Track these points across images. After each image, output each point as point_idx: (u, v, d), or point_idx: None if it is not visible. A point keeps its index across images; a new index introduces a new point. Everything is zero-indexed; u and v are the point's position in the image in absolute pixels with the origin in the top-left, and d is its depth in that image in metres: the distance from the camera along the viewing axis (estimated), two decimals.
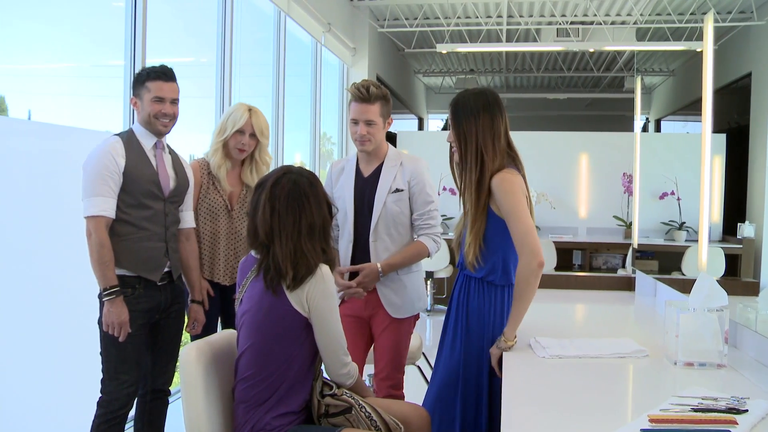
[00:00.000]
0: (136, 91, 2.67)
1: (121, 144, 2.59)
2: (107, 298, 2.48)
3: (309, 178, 2.07)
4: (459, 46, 7.59)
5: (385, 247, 2.76)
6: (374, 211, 2.75)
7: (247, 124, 2.98)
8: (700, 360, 1.97)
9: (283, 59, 5.98)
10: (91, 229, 2.49)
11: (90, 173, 2.53)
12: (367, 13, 8.02)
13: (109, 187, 2.52)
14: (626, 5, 7.58)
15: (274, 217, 2.00)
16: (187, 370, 1.99)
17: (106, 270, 2.48)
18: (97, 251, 2.47)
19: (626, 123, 11.98)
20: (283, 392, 1.99)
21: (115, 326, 2.48)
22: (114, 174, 2.53)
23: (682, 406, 1.58)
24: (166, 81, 2.65)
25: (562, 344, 2.17)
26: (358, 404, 2.03)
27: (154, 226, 2.64)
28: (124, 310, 2.50)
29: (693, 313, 1.98)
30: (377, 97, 2.70)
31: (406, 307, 2.81)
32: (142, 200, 2.60)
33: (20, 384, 2.91)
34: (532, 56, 10.42)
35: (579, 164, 8.50)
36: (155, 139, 2.69)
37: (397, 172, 2.77)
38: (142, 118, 2.66)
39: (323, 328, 1.99)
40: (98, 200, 2.49)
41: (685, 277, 3.83)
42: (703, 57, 2.32)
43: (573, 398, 1.72)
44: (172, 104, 2.67)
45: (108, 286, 2.48)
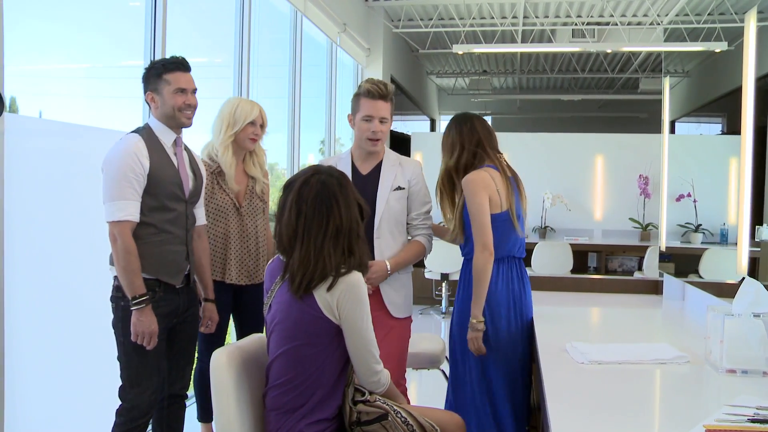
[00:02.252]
0: (152, 85, 2.54)
1: (144, 143, 2.47)
2: (136, 308, 2.38)
3: (339, 178, 2.00)
4: (475, 47, 7.54)
5: (388, 245, 2.74)
6: (377, 209, 2.73)
7: (258, 117, 3.05)
8: (744, 367, 1.92)
9: (299, 59, 5.95)
10: (116, 235, 2.38)
11: (113, 175, 2.40)
12: (381, 14, 7.98)
13: (134, 190, 2.41)
14: (643, 5, 7.52)
15: (300, 220, 1.95)
16: (218, 375, 1.95)
17: (134, 278, 2.38)
18: (124, 258, 2.37)
19: (640, 124, 11.91)
20: (316, 399, 1.94)
21: (145, 336, 2.40)
22: (139, 176, 2.42)
23: (737, 416, 1.52)
24: (185, 71, 2.56)
25: (600, 349, 2.12)
26: (393, 410, 1.98)
27: (176, 229, 2.55)
28: (153, 319, 2.42)
29: (738, 319, 1.92)
30: (390, 95, 2.74)
31: (406, 306, 2.82)
32: (165, 203, 2.50)
33: (38, 387, 2.87)
34: (545, 57, 10.36)
35: (594, 166, 8.43)
36: (174, 135, 2.58)
37: (398, 172, 2.78)
38: (163, 112, 2.54)
39: (354, 335, 1.94)
40: (123, 204, 2.38)
41: (715, 281, 3.76)
42: (744, 57, 2.27)
43: (621, 405, 1.67)
44: (193, 94, 2.59)
45: (137, 295, 2.38)
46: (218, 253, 2.99)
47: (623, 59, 9.89)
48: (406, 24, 8.22)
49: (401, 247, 2.78)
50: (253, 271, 3.07)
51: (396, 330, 2.77)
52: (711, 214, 5.14)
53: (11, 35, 2.61)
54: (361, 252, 2.00)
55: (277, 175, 6.76)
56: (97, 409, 2.84)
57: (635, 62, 9.79)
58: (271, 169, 6.62)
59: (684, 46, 7.48)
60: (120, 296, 2.44)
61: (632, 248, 8.00)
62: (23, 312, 2.74)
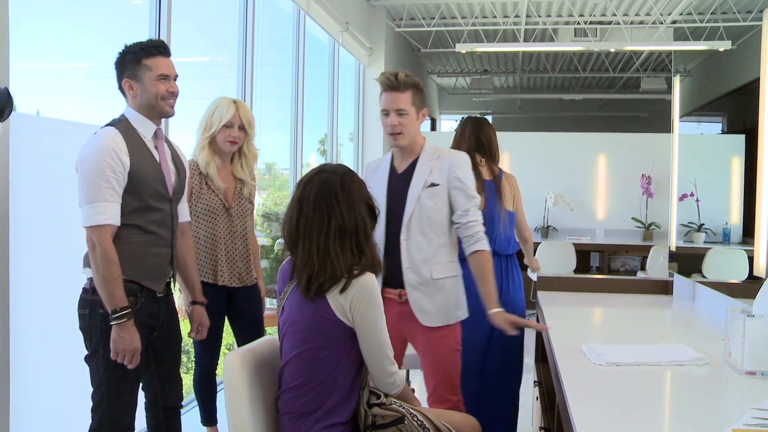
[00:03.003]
0: (130, 71, 2.30)
1: (121, 137, 2.23)
2: (117, 322, 2.15)
3: (343, 176, 1.95)
4: (478, 46, 7.52)
5: (418, 247, 2.52)
6: (407, 208, 2.53)
7: (235, 117, 2.90)
8: (766, 369, 1.89)
9: (302, 58, 5.92)
10: (94, 241, 2.15)
11: (89, 175, 2.17)
12: (383, 13, 7.95)
13: (114, 190, 2.18)
14: (645, 4, 7.50)
15: (300, 220, 1.93)
16: (231, 378, 1.92)
17: (115, 288, 2.16)
18: (104, 267, 2.14)
19: (641, 124, 11.90)
20: (331, 403, 1.91)
21: (126, 354, 2.18)
22: (119, 175, 2.19)
23: (765, 420, 1.49)
24: (166, 56, 2.33)
25: (617, 351, 2.09)
26: (409, 413, 1.95)
27: (162, 231, 2.35)
28: (136, 335, 2.19)
29: (759, 320, 1.89)
30: (408, 84, 2.50)
31: (439, 315, 2.54)
32: (149, 202, 2.29)
33: (43, 388, 2.83)
34: (547, 56, 10.34)
35: (596, 165, 8.41)
36: (155, 126, 2.35)
37: (434, 166, 2.55)
38: (143, 101, 2.30)
39: (368, 337, 1.91)
40: (101, 206, 2.16)
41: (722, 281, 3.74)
42: (762, 54, 2.24)
43: (645, 408, 1.64)
44: (175, 81, 2.37)
45: (118, 308, 2.16)
46: (207, 254, 2.93)
47: (625, 58, 9.87)
48: (408, 23, 8.19)
49: (437, 251, 2.54)
50: (244, 273, 3.01)
51: (432, 341, 2.55)
52: (713, 214, 5.10)
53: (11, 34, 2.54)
54: (372, 252, 1.96)
55: (275, 175, 6.73)
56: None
57: (637, 62, 9.77)
58: (269, 169, 6.60)
59: (688, 45, 7.46)
60: (98, 300, 2.21)
61: (635, 248, 7.98)
62: (28, 311, 2.70)
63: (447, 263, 2.58)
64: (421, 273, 2.52)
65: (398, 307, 2.57)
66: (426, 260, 2.53)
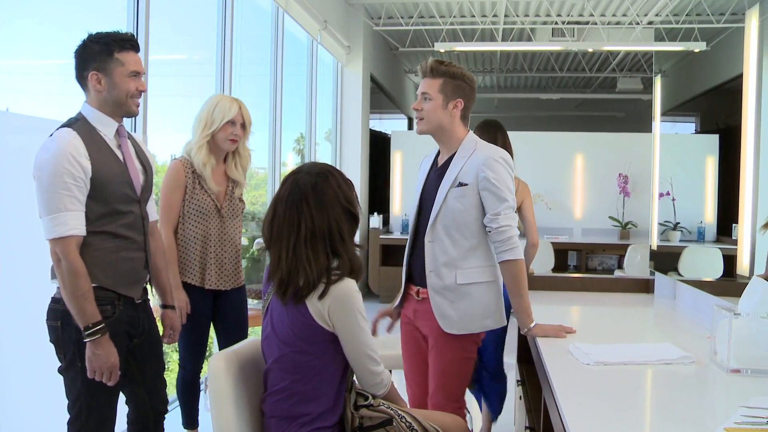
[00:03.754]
0: (99, 64, 2.11)
1: (80, 140, 2.05)
2: (91, 339, 2.02)
3: (317, 177, 1.88)
4: (457, 45, 7.52)
5: (443, 250, 2.36)
6: (433, 207, 2.39)
7: (238, 115, 2.84)
8: (753, 367, 1.90)
9: (281, 57, 5.87)
10: (59, 254, 2.01)
11: (48, 183, 2.00)
12: (362, 11, 7.93)
13: (75, 198, 2.02)
14: (622, 5, 7.56)
15: (274, 221, 1.89)
16: (216, 380, 1.88)
17: (85, 303, 2.01)
18: (71, 281, 2.00)
19: (617, 123, 12.01)
20: (317, 406, 1.88)
21: (104, 372, 2.06)
22: (79, 181, 2.03)
23: (756, 418, 1.50)
24: (137, 51, 2.18)
25: (604, 350, 2.09)
26: (398, 414, 1.93)
27: (134, 234, 2.20)
28: (112, 350, 2.06)
29: (746, 318, 1.90)
30: (440, 72, 2.36)
31: (463, 323, 2.37)
32: (116, 207, 2.14)
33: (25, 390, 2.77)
34: (524, 56, 10.39)
35: (574, 164, 8.46)
36: (116, 124, 2.18)
37: (466, 163, 2.37)
38: (109, 98, 2.13)
39: (349, 341, 1.87)
40: (64, 217, 2.00)
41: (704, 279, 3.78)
42: (744, 55, 2.25)
43: (635, 407, 1.65)
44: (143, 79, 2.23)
45: (90, 324, 2.02)
46: (196, 256, 2.86)
47: (601, 58, 9.95)
48: (387, 22, 8.18)
49: (464, 255, 2.38)
50: (233, 275, 2.95)
51: (445, 343, 2.40)
52: (688, 213, 5.17)
53: None
54: (349, 255, 1.90)
55: (251, 173, 6.67)
56: None
57: (613, 62, 9.86)
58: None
59: (664, 45, 7.54)
60: (68, 310, 2.06)
61: (612, 246, 8.05)
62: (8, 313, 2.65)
63: (476, 268, 2.39)
64: (443, 277, 2.37)
65: (415, 304, 2.50)
66: (450, 264, 2.37)
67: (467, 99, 2.43)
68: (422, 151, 9.43)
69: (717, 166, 5.45)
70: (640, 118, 11.78)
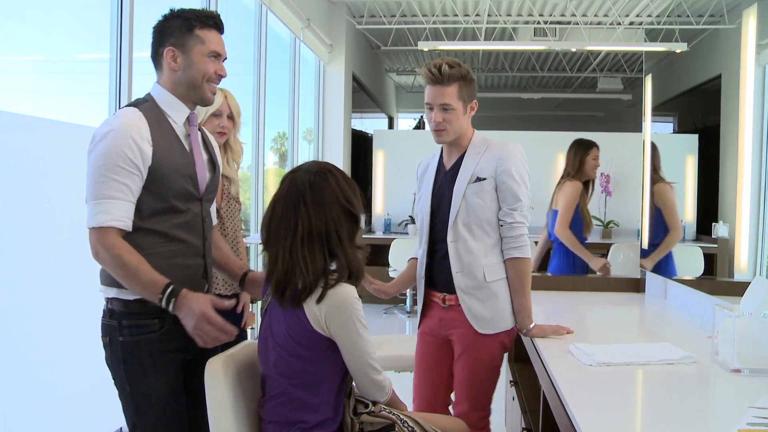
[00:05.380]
0: (177, 39, 1.89)
1: (145, 122, 1.82)
2: (170, 305, 1.78)
3: (316, 176, 1.82)
4: (440, 44, 7.50)
5: (467, 249, 2.30)
6: (452, 206, 2.32)
7: (224, 105, 2.66)
8: (755, 366, 1.89)
9: (264, 55, 5.81)
10: (96, 247, 1.77)
11: (99, 165, 1.77)
12: (344, 10, 7.89)
13: (126, 186, 1.78)
14: (604, 5, 7.59)
15: (272, 221, 1.84)
16: (213, 384, 1.83)
17: (143, 277, 1.77)
18: (120, 266, 1.76)
19: (597, 123, 12.07)
20: (316, 411, 1.83)
21: (211, 336, 1.82)
22: (134, 168, 1.79)
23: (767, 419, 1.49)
24: (220, 32, 1.96)
25: (605, 350, 2.07)
26: (400, 419, 1.89)
27: (190, 236, 1.95)
28: (197, 299, 1.80)
29: (748, 318, 1.90)
30: (454, 77, 2.27)
31: (496, 321, 2.33)
32: (172, 202, 1.89)
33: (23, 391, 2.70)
34: (505, 55, 10.41)
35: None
36: (188, 111, 1.95)
37: (481, 158, 2.33)
38: (184, 79, 1.90)
39: (348, 348, 1.81)
40: (107, 204, 1.76)
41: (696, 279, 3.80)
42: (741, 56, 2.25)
43: (646, 409, 1.62)
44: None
45: (159, 292, 1.78)
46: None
47: (582, 58, 10.00)
48: (369, 20, 8.13)
49: (488, 251, 2.33)
50: None
51: (472, 348, 2.35)
52: None
53: None
54: (347, 258, 1.83)
55: None
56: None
57: (594, 62, 9.91)
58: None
59: (646, 46, 7.58)
60: (116, 325, 1.86)
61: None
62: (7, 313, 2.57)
63: (499, 264, 2.36)
64: (473, 276, 2.32)
65: (441, 312, 2.42)
66: (477, 262, 2.32)
67: (476, 98, 2.40)
68: (404, 150, 9.47)
69: (697, 166, 5.50)
70: (620, 118, 11.87)
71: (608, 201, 8.13)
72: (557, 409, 1.77)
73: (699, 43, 6.09)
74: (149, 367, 1.87)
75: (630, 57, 9.68)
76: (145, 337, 1.86)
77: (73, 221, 2.90)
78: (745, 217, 2.36)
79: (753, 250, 2.74)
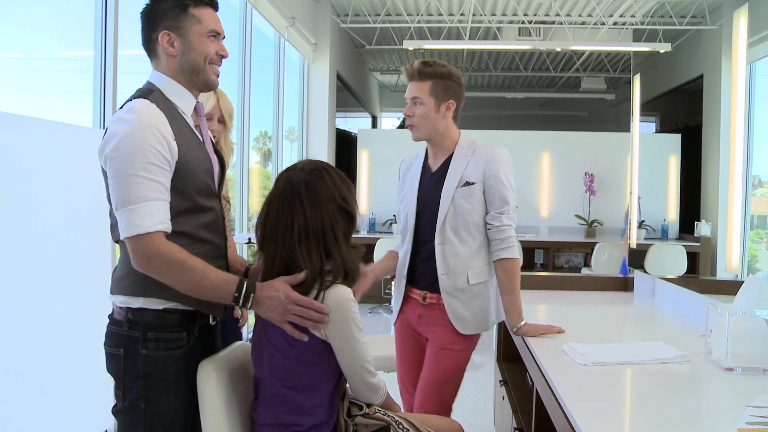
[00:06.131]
0: (172, 21, 1.71)
1: (162, 113, 1.66)
2: (248, 302, 1.66)
3: (311, 174, 1.79)
4: (426, 43, 7.49)
5: (453, 252, 2.33)
6: (440, 209, 2.34)
7: (215, 109, 2.55)
8: (748, 365, 1.90)
9: (249, 53, 5.77)
10: (147, 254, 1.60)
11: (128, 166, 1.58)
12: (329, 8, 7.86)
13: (161, 185, 1.62)
14: (588, 5, 7.63)
15: (267, 221, 1.81)
16: (206, 387, 1.79)
17: (212, 279, 1.63)
18: (179, 273, 1.61)
19: (580, 123, 12.15)
20: (310, 415, 1.80)
21: (299, 313, 1.68)
22: (165, 163, 1.62)
23: (766, 417, 1.49)
24: (216, 10, 1.80)
25: (599, 350, 2.07)
26: (395, 421, 1.87)
27: (214, 237, 1.81)
28: (275, 286, 1.68)
29: (742, 317, 1.90)
30: (427, 74, 2.31)
31: (476, 322, 2.38)
32: (197, 200, 1.74)
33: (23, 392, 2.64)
34: (489, 55, 10.43)
35: (540, 163, 8.53)
36: (194, 100, 1.80)
37: (469, 162, 2.35)
38: (184, 63, 1.74)
39: (343, 352, 1.78)
40: (147, 207, 1.59)
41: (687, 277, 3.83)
42: (732, 56, 2.26)
43: (643, 409, 1.61)
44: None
45: (234, 290, 1.65)
46: None
47: (565, 58, 10.05)
48: (354, 19, 8.11)
49: (473, 254, 2.36)
50: None
51: (444, 351, 2.37)
52: (652, 211, 5.24)
53: None
54: (343, 257, 1.79)
55: None
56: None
57: (577, 62, 9.96)
58: None
59: (630, 46, 7.63)
60: (138, 336, 1.70)
61: (578, 245, 8.13)
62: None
63: (484, 266, 2.39)
64: (457, 279, 2.35)
65: (420, 309, 2.44)
66: (462, 265, 2.35)
67: (458, 98, 2.39)
68: (388, 149, 9.44)
69: (680, 165, 5.55)
70: (603, 118, 11.95)
71: (592, 200, 8.18)
72: (553, 409, 1.76)
73: (681, 44, 6.14)
74: (172, 385, 1.73)
75: (613, 57, 9.74)
76: (172, 353, 1.73)
77: (56, 221, 2.87)
78: (736, 215, 2.36)
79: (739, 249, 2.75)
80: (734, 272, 2.61)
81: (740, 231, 2.43)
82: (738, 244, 2.45)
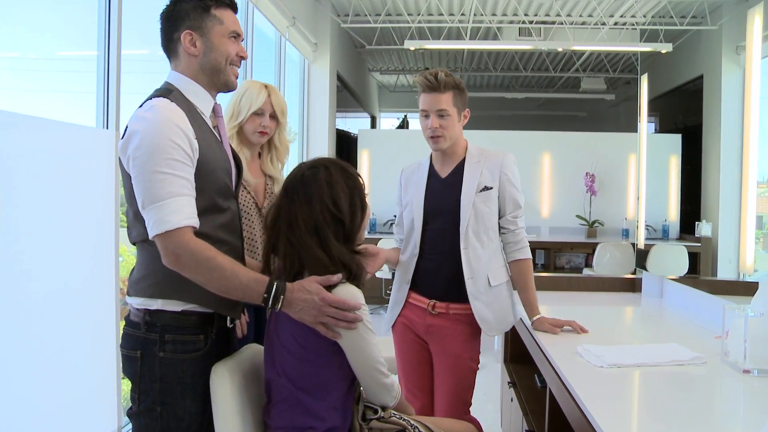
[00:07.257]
0: (194, 21, 1.73)
1: (182, 112, 1.67)
2: (277, 303, 1.65)
3: (309, 169, 1.78)
4: (427, 43, 7.47)
5: (477, 255, 2.39)
6: (462, 216, 2.40)
7: (266, 104, 2.50)
8: (766, 367, 1.88)
9: (251, 52, 5.74)
10: (177, 251, 1.60)
11: (152, 162, 1.59)
12: (329, 8, 7.83)
13: (187, 180, 1.62)
14: (589, 5, 7.62)
15: (279, 215, 1.79)
16: (219, 390, 1.77)
17: (245, 274, 1.64)
18: (209, 271, 1.61)
19: (579, 123, 12.14)
20: (324, 418, 1.78)
21: (333, 314, 1.67)
22: (187, 159, 1.63)
23: None
24: (235, 12, 1.82)
25: (614, 352, 2.05)
26: (410, 425, 1.85)
27: (232, 238, 1.81)
28: (308, 286, 1.66)
29: (760, 318, 1.89)
30: (449, 85, 2.38)
31: (498, 323, 2.46)
32: (216, 200, 1.75)
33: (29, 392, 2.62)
34: (489, 55, 10.41)
35: (541, 163, 8.51)
36: (213, 101, 1.82)
37: (483, 168, 2.43)
38: (205, 63, 1.76)
39: (354, 355, 1.76)
40: (176, 203, 1.60)
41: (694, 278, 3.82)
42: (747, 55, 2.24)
43: (665, 412, 1.59)
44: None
45: (264, 290, 1.64)
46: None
47: (565, 58, 10.04)
48: (354, 19, 8.08)
49: (491, 257, 2.43)
50: None
51: (464, 356, 2.45)
52: (653, 211, 5.23)
53: None
54: (342, 258, 1.76)
55: None
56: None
57: (577, 62, 9.95)
58: None
59: (632, 46, 7.62)
60: (156, 338, 1.69)
61: (579, 245, 8.11)
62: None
63: (501, 267, 2.49)
64: (481, 281, 2.42)
65: (429, 318, 2.48)
66: (484, 267, 2.42)
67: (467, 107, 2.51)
68: (388, 150, 9.38)
69: (680, 165, 5.54)
70: (602, 118, 11.95)
71: (593, 200, 8.17)
72: (571, 411, 1.74)
73: (681, 44, 6.14)
74: (189, 389, 1.73)
75: (613, 57, 9.73)
76: (190, 356, 1.73)
77: (59, 220, 2.84)
78: (751, 215, 2.35)
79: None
80: (748, 272, 2.59)
81: (753, 231, 2.41)
82: (752, 244, 2.43)
